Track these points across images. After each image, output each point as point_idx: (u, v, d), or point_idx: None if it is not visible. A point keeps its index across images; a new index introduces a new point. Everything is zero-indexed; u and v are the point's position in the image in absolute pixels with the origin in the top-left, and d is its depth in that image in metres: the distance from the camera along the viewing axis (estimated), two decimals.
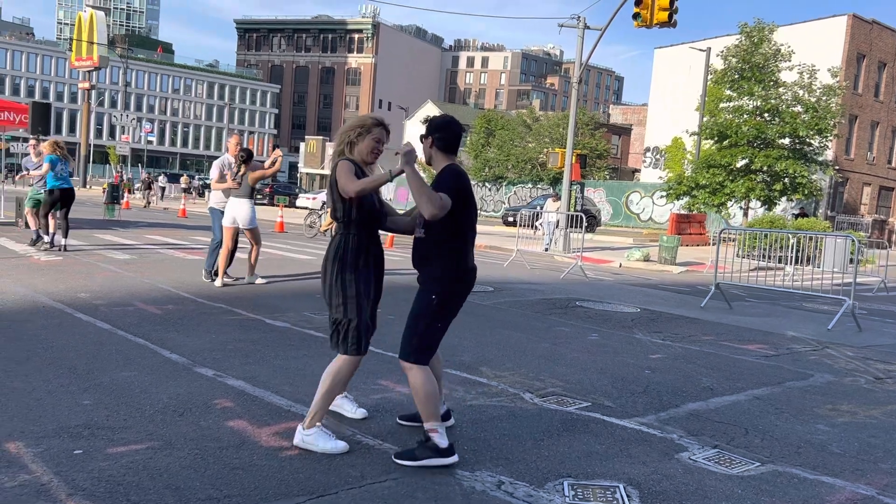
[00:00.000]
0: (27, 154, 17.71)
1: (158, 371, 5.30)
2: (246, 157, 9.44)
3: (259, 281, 9.88)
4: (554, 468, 3.90)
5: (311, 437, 3.93)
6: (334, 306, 3.96)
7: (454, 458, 3.83)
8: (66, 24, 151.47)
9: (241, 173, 9.36)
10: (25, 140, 26.53)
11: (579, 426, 4.64)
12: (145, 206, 28.56)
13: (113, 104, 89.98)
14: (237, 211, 9.42)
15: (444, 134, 4.00)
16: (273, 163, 9.71)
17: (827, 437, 4.76)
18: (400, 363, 3.98)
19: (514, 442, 4.28)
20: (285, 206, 36.43)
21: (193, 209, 29.23)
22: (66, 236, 12.16)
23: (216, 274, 9.63)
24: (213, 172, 9.74)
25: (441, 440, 3.82)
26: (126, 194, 30.25)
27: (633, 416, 4.91)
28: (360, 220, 3.99)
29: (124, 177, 33.01)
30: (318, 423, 3.97)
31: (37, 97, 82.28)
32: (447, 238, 3.91)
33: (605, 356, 6.86)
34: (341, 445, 3.93)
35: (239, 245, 9.97)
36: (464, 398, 5.08)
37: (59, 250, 11.91)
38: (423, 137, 4.05)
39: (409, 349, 3.92)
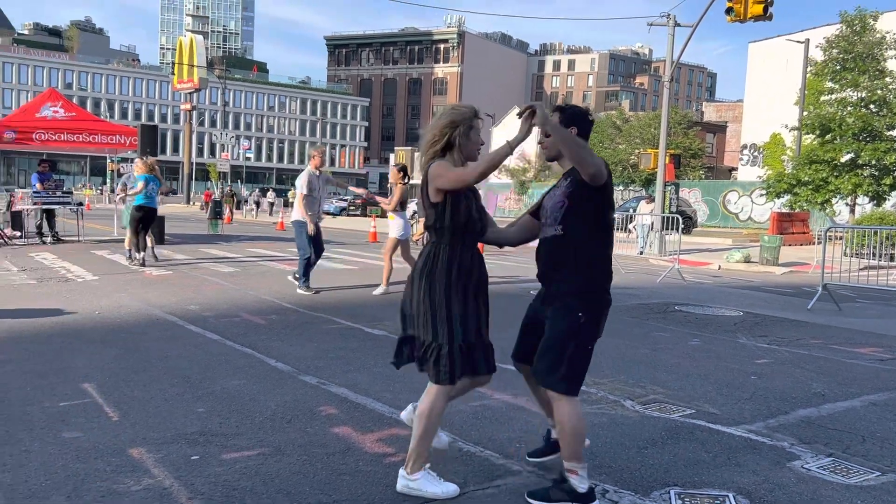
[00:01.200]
0: (128, 174, 18.74)
1: (266, 379, 5.50)
2: (403, 172, 10.24)
3: (376, 291, 10.35)
4: (659, 477, 3.82)
5: (417, 483, 3.49)
6: (421, 325, 3.47)
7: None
8: (168, 49, 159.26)
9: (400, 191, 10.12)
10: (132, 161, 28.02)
11: (684, 434, 4.54)
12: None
13: (212, 123, 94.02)
14: (391, 223, 10.29)
15: (585, 124, 3.52)
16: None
17: None
18: (548, 393, 3.49)
19: (617, 450, 4.23)
20: (378, 217, 37.06)
21: (289, 221, 30.15)
22: (146, 248, 12.87)
23: (295, 277, 10.26)
24: (300, 186, 9.94)
25: (580, 484, 3.37)
26: (228, 210, 31.43)
27: (740, 424, 4.76)
28: (454, 227, 3.46)
29: (231, 190, 34.42)
30: (423, 467, 3.53)
31: (143, 120, 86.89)
32: (591, 239, 3.39)
33: (708, 361, 6.67)
34: (452, 489, 3.49)
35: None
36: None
37: (152, 262, 12.60)
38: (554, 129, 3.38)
39: (558, 377, 3.36)
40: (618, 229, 18.98)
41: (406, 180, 10.29)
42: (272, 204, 43.72)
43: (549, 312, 3.47)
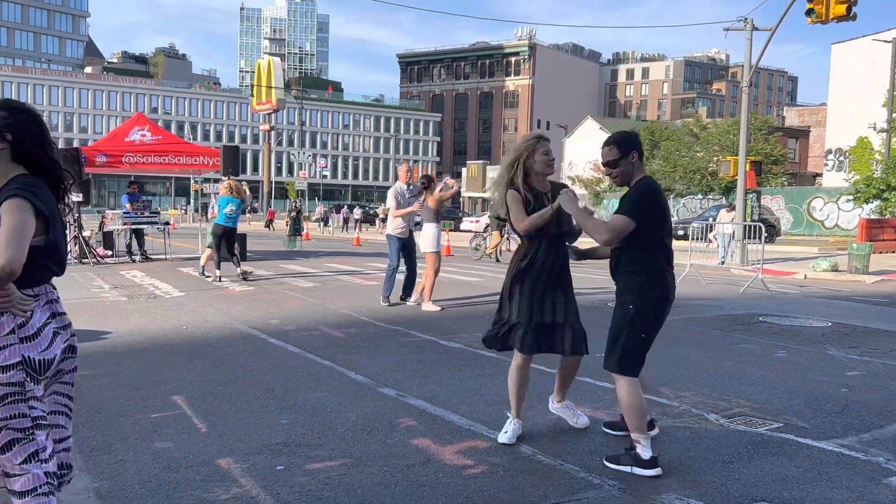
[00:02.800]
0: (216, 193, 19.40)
1: (346, 391, 5.61)
2: (427, 184, 9.94)
3: (426, 307, 9.86)
4: (747, 492, 3.72)
5: (508, 426, 4.46)
6: (507, 310, 4.39)
7: (656, 471, 3.89)
8: (247, 71, 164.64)
9: (422, 199, 9.87)
10: (217, 181, 28.98)
11: (771, 448, 4.40)
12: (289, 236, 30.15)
13: (290, 143, 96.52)
14: (422, 235, 9.90)
15: (641, 148, 4.13)
16: (450, 188, 10.18)
17: None
18: (611, 375, 4.11)
19: (701, 464, 4.13)
20: (451, 230, 37.28)
21: (365, 236, 30.62)
22: (238, 265, 13.30)
23: (402, 298, 10.26)
24: (390, 201, 10.18)
25: (644, 452, 3.91)
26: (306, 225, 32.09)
27: (831, 438, 4.58)
28: (532, 235, 4.30)
29: (297, 205, 35.31)
30: (516, 418, 4.46)
31: (224, 141, 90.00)
32: (640, 249, 4.00)
33: (796, 374, 6.44)
34: (584, 420, 4.67)
35: (403, 271, 10.38)
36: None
37: (243, 278, 12.97)
38: (619, 159, 4.06)
39: (614, 359, 4.03)
40: (698, 239, 18.52)
41: (424, 195, 10.02)
42: (358, 220, 43.89)
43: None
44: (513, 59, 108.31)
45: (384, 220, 10.13)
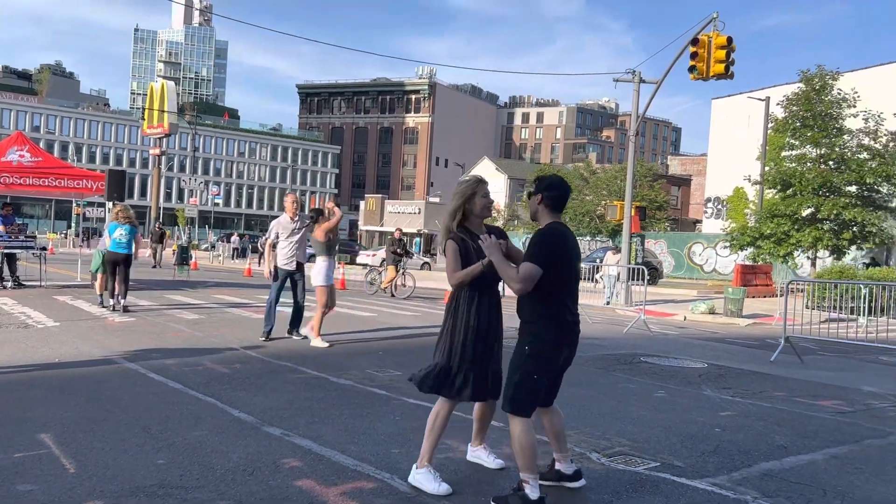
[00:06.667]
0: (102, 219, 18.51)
1: (228, 430, 5.41)
2: (316, 217, 9.76)
3: (314, 343, 9.66)
4: None
5: (420, 476, 4.31)
6: (441, 352, 4.42)
7: None
8: (139, 94, 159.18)
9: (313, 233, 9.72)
10: (101, 205, 27.73)
11: (649, 487, 4.55)
12: (154, 263, 29.15)
13: (182, 168, 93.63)
14: (314, 268, 9.73)
15: (553, 193, 4.22)
16: (333, 215, 9.86)
17: None
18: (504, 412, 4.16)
19: (583, 503, 4.22)
20: (346, 264, 37.00)
21: (256, 268, 29.92)
22: (124, 297, 12.61)
23: (289, 332, 10.09)
24: (269, 233, 10.06)
25: (532, 492, 3.94)
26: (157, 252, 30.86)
27: (704, 477, 4.78)
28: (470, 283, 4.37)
29: (159, 227, 34.31)
30: (426, 464, 4.34)
31: (111, 164, 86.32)
32: (538, 293, 4.07)
33: (673, 414, 6.71)
34: (444, 488, 4.22)
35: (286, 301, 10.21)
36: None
37: (120, 311, 12.32)
38: (531, 194, 4.29)
39: (506, 398, 4.11)
40: (584, 279, 19.13)
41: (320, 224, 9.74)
42: (236, 249, 43.28)
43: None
44: (413, 96, 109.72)
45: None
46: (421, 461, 4.35)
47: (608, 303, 20.50)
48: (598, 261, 26.84)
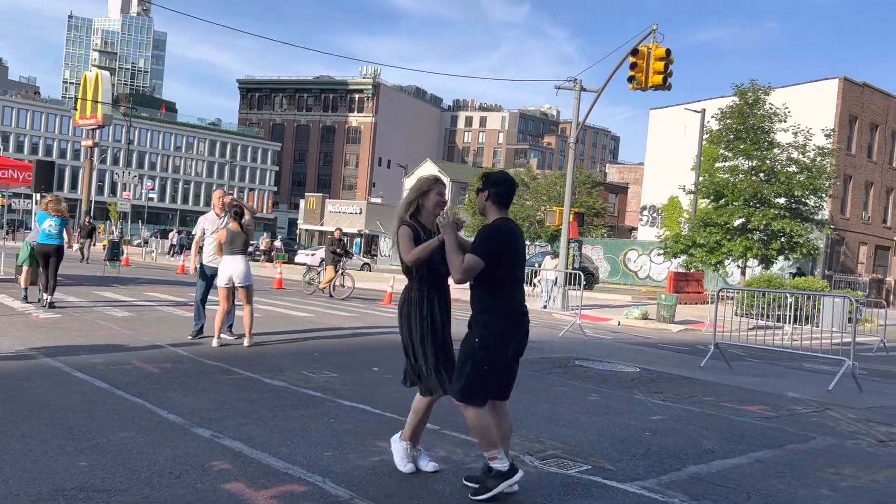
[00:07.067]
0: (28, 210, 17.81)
1: (155, 431, 5.26)
2: (238, 213, 9.36)
3: (215, 342, 9.26)
4: None
5: (396, 447, 4.65)
6: (405, 352, 4.57)
7: (519, 474, 4.21)
8: (72, 83, 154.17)
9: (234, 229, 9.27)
10: (28, 197, 26.82)
11: (580, 490, 4.59)
12: (82, 258, 28.35)
13: (115, 161, 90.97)
14: (232, 268, 9.24)
15: (499, 189, 4.34)
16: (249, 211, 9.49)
17: (830, 503, 4.70)
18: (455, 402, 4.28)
19: None
20: (284, 263, 36.53)
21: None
22: (52, 293, 12.09)
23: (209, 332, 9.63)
24: (197, 230, 9.84)
25: (502, 464, 4.17)
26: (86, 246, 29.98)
27: (634, 480, 4.86)
28: (420, 275, 4.48)
29: (88, 221, 33.34)
30: (406, 440, 4.61)
31: (41, 154, 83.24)
32: (486, 286, 4.20)
33: (606, 417, 6.81)
34: (409, 467, 4.58)
35: (235, 304, 9.93)
36: (463, 460, 5.03)
37: (46, 307, 11.83)
38: (479, 191, 4.37)
39: (458, 388, 4.23)
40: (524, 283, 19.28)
41: (241, 222, 9.30)
42: (173, 246, 42.38)
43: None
44: (357, 95, 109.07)
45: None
46: (402, 434, 4.65)
47: (545, 307, 20.74)
48: (536, 265, 27.13)
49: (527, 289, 19.84)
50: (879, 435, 6.88)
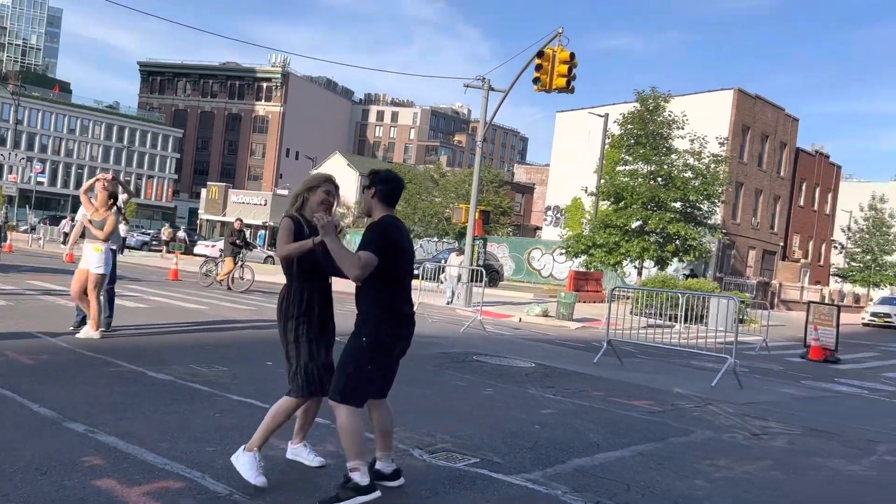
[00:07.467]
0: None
1: (24, 426, 4.95)
2: (114, 198, 8.89)
3: (90, 335, 8.71)
4: None
5: (242, 460, 4.22)
6: (284, 351, 4.39)
7: (376, 494, 4.00)
8: None
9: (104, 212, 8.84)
10: None
11: (466, 483, 4.61)
12: None
13: (2, 142, 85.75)
14: (87, 254, 8.85)
15: (385, 186, 4.25)
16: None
17: (704, 493, 4.90)
18: (329, 402, 4.12)
19: (401, 500, 4.21)
20: (181, 254, 35.36)
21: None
22: None
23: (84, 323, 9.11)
24: (79, 215, 9.40)
25: (362, 479, 3.96)
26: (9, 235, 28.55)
27: (520, 472, 4.91)
28: (300, 273, 4.33)
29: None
30: (255, 450, 4.23)
31: None
32: (376, 284, 4.08)
33: (498, 411, 6.88)
34: (260, 480, 4.14)
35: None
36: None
37: None
38: (365, 188, 4.30)
39: (337, 388, 4.07)
40: (429, 279, 19.35)
41: (114, 205, 8.95)
42: (66, 234, 40.35)
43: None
44: (265, 84, 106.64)
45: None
46: (250, 445, 4.26)
47: (449, 303, 20.86)
48: (443, 261, 27.26)
49: (433, 285, 19.94)
50: (754, 429, 7.23)
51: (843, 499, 5.13)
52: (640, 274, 29.94)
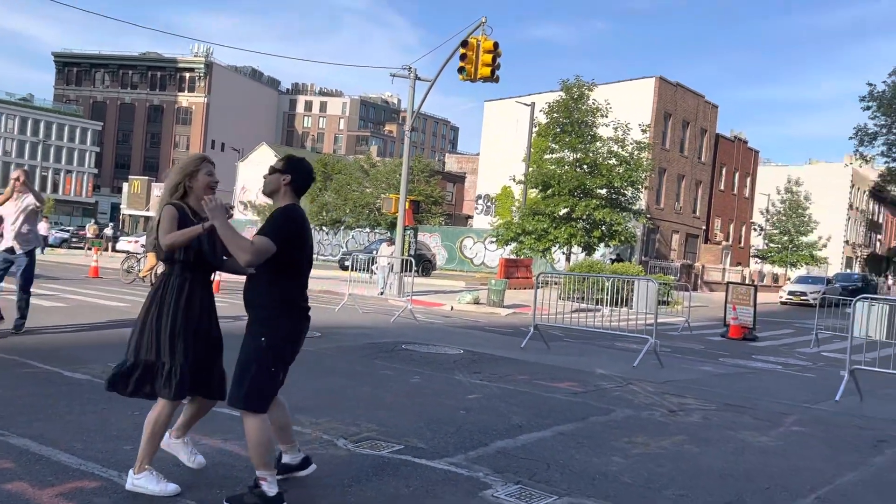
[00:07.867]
0: None
1: None
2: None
3: None
4: None
5: (142, 481, 3.94)
6: (145, 348, 3.99)
7: None
8: None
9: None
10: None
11: (389, 469, 4.66)
12: None
13: None
14: None
15: (298, 176, 4.01)
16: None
17: (620, 469, 5.07)
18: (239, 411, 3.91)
19: (321, 490, 4.23)
20: (101, 250, 34.28)
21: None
22: None
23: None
24: None
25: (270, 489, 3.82)
26: None
27: (443, 457, 4.99)
28: (184, 261, 4.01)
29: None
30: (146, 467, 3.98)
31: None
32: (274, 277, 3.86)
33: (425, 398, 6.95)
34: (172, 488, 3.96)
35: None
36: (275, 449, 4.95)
37: None
38: (277, 171, 4.00)
39: (240, 395, 3.83)
40: (361, 270, 19.28)
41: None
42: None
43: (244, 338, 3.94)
44: (187, 74, 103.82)
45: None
46: (139, 467, 3.96)
47: (381, 293, 20.84)
48: (375, 252, 27.18)
49: (363, 275, 19.88)
50: (671, 406, 7.50)
51: (749, 467, 5.38)
52: (568, 260, 30.48)
